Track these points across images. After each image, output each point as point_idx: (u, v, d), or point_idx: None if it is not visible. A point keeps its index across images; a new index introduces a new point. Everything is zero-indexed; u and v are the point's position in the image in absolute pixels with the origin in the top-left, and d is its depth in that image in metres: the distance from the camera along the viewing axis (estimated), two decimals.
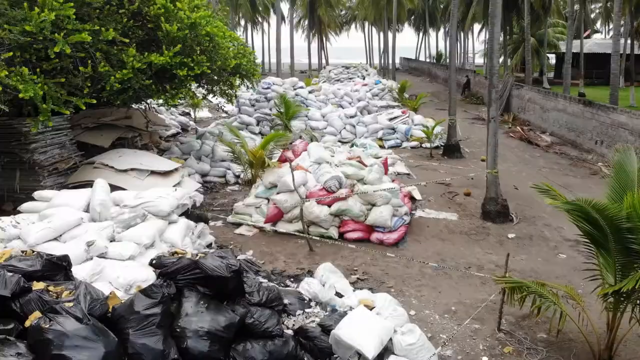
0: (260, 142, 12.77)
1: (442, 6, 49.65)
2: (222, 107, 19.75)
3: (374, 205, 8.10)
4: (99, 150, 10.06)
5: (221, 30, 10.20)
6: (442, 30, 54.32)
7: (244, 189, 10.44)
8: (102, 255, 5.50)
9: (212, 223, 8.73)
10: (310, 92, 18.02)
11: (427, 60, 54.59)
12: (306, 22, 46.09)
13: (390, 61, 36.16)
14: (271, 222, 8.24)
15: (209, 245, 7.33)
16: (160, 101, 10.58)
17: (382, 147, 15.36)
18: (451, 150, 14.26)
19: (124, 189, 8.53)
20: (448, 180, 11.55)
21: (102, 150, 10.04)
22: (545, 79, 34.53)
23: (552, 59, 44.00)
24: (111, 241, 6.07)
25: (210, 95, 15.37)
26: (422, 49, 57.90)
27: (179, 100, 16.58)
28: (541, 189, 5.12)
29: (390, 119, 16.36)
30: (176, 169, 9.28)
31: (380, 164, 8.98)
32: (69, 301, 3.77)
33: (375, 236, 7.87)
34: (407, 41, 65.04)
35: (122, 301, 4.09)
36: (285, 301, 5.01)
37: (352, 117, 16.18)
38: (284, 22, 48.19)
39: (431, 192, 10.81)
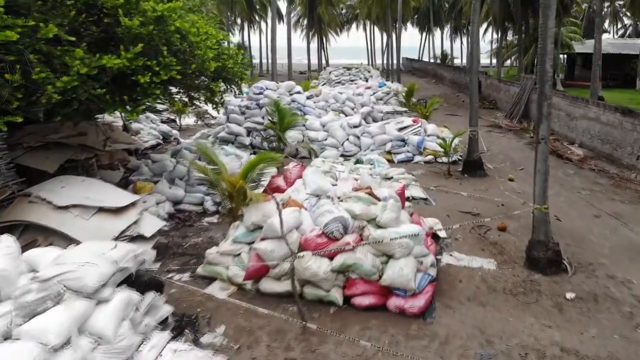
0: (248, 160, 10.78)
1: (447, 4, 47.66)
2: (204, 119, 17.68)
3: (390, 257, 6.06)
4: (47, 176, 8.04)
5: (195, 27, 8.15)
6: (447, 29, 52.29)
7: (225, 221, 8.39)
8: None
9: (177, 277, 6.70)
10: (308, 97, 15.98)
11: (431, 60, 52.51)
12: (305, 21, 43.98)
13: (395, 61, 34.07)
14: (253, 279, 6.19)
15: (164, 322, 5.29)
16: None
17: (390, 161, 13.34)
18: (473, 166, 12.21)
19: (63, 234, 6.56)
20: (475, 210, 9.50)
21: (49, 176, 8.04)
22: (559, 80, 32.52)
23: (561, 59, 42.02)
24: (5, 339, 4.05)
25: (195, 102, 13.41)
26: (426, 49, 55.89)
27: (159, 106, 14.64)
28: None
29: (400, 129, 14.31)
30: (134, 203, 7.22)
31: (396, 197, 6.93)
32: None
33: (393, 303, 5.81)
34: (409, 41, 62.95)
35: None
36: None
37: (355, 126, 14.13)
38: (282, 21, 46.20)
39: (457, 224, 8.76)
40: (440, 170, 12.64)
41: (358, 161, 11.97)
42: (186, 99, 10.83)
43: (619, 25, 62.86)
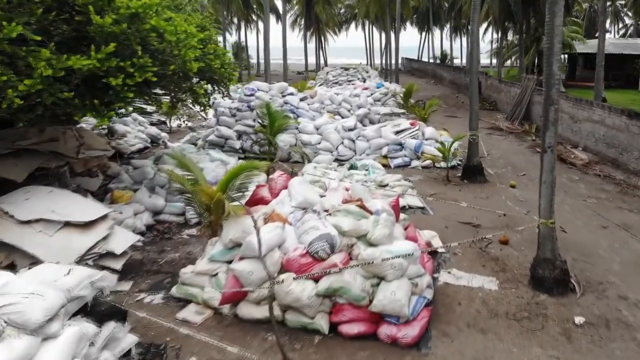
0: (236, 165, 10.21)
1: (447, 4, 47.09)
2: (195, 121, 17.09)
3: (382, 279, 5.49)
4: (17, 186, 7.46)
5: (172, 25, 7.56)
6: (446, 28, 51.70)
7: (206, 234, 7.80)
8: None
9: (149, 299, 6.13)
10: (302, 99, 15.38)
11: (431, 60, 51.92)
12: (302, 21, 43.38)
13: (393, 61, 33.47)
14: (230, 303, 5.62)
15: (127, 354, 4.71)
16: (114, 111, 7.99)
17: (386, 166, 12.78)
18: (472, 172, 11.64)
19: (24, 252, 5.99)
20: (476, 220, 8.93)
21: (19, 185, 7.46)
22: (560, 81, 32.00)
23: (563, 59, 41.43)
24: None
25: (184, 103, 12.86)
26: (425, 49, 55.30)
27: (150, 108, 14.02)
28: None
29: (397, 132, 13.73)
30: (104, 217, 6.65)
31: (389, 210, 6.37)
32: None
33: (385, 331, 5.23)
34: (409, 40, 62.32)
35: None
36: None
37: (350, 129, 13.55)
38: (281, 20, 45.59)
39: (456, 237, 8.18)
40: (439, 176, 12.07)
41: (352, 167, 11.39)
42: (173, 101, 10.26)
43: (620, 25, 62.32)
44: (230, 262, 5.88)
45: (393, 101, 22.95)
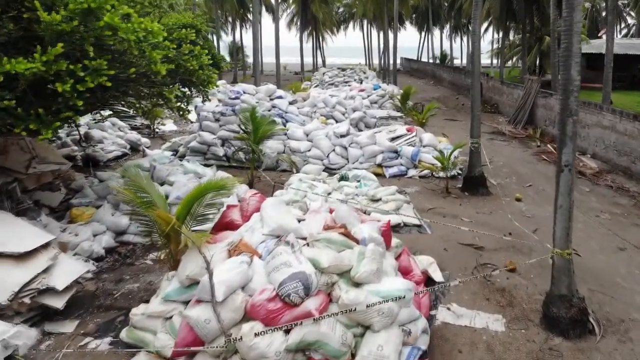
0: (212, 178, 9.27)
1: (446, 3, 46.15)
2: (180, 124, 16.15)
3: (367, 327, 4.55)
4: None
5: (130, 22, 6.61)
6: (446, 28, 50.74)
7: (168, 264, 6.83)
8: None
9: (95, 344, 5.18)
10: (291, 102, 14.43)
11: (431, 61, 50.97)
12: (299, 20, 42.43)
13: (391, 61, 32.52)
14: (184, 355, 4.67)
15: None
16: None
17: (381, 175, 11.84)
18: (474, 183, 10.69)
19: None
20: (478, 241, 7.99)
21: None
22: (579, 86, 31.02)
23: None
24: None
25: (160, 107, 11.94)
26: (425, 49, 54.32)
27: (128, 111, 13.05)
28: None
29: (392, 139, 12.79)
30: (46, 245, 5.70)
31: (378, 238, 5.43)
32: None
33: None
34: (408, 41, 61.39)
35: None
36: None
37: (343, 135, 12.60)
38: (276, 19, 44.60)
39: (456, 262, 7.27)
40: (438, 187, 11.12)
41: (343, 178, 10.45)
42: (141, 107, 9.32)
43: (622, 25, 61.38)
44: (188, 302, 4.94)
45: (390, 103, 22.05)
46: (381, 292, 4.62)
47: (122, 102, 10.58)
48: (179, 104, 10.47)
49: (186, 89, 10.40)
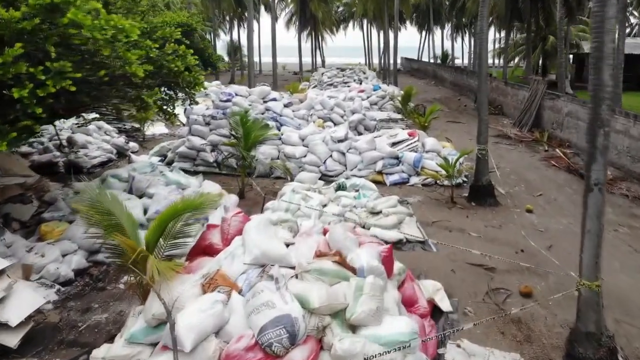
0: (199, 187, 8.56)
1: (447, 2, 45.36)
2: (172, 127, 15.40)
3: None
4: None
5: (97, 20, 5.87)
6: (447, 27, 49.96)
7: (139, 294, 6.06)
8: None
9: None
10: (286, 105, 13.67)
11: (431, 60, 50.22)
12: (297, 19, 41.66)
13: (392, 61, 31.74)
14: None
15: None
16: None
17: (381, 183, 11.11)
18: (481, 193, 9.95)
19: None
20: (488, 260, 7.24)
21: None
22: (568, 83, 30.28)
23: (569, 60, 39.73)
24: None
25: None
26: (426, 49, 53.56)
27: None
28: None
29: (393, 144, 12.05)
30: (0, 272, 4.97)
31: (379, 267, 4.70)
32: None
33: None
34: (408, 40, 60.57)
35: None
36: None
37: (340, 140, 11.86)
38: (277, 18, 43.84)
39: (465, 286, 6.54)
40: (442, 197, 10.37)
41: (340, 187, 9.70)
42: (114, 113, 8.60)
43: (626, 24, 60.73)
44: (156, 344, 4.21)
45: (391, 105, 21.27)
46: (382, 338, 3.90)
47: (105, 106, 9.88)
48: (164, 107, 9.77)
49: (172, 92, 9.68)
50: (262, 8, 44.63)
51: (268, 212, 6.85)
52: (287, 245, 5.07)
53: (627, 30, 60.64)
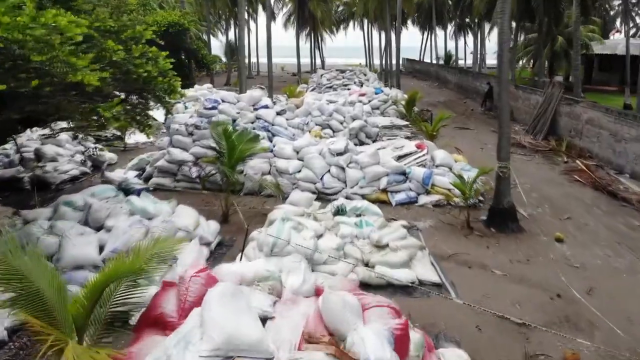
0: (171, 213, 7.25)
1: (450, 2, 43.99)
2: (157, 135, 14.04)
3: None
4: None
5: (21, 17, 4.53)
6: (449, 27, 48.56)
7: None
8: None
9: None
10: (279, 112, 12.30)
11: (434, 61, 48.85)
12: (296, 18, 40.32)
13: (394, 62, 30.39)
14: None
15: None
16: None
17: (386, 202, 9.79)
18: (503, 218, 8.60)
19: None
20: (519, 309, 5.90)
21: None
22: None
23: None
24: None
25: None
26: (427, 49, 52.15)
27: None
28: None
29: (399, 157, 10.71)
30: None
31: (393, 357, 3.36)
32: None
33: None
34: (409, 40, 59.21)
35: None
36: None
37: (340, 153, 10.51)
38: (273, 18, 42.57)
39: (495, 349, 5.19)
40: (456, 220, 9.01)
41: (339, 211, 8.33)
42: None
43: (631, 25, 59.37)
44: None
45: (394, 110, 19.97)
46: None
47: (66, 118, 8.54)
48: (137, 117, 8.43)
49: (143, 101, 8.34)
50: (260, 8, 43.24)
51: (244, 263, 5.48)
52: (264, 320, 3.73)
53: (633, 30, 59.44)
